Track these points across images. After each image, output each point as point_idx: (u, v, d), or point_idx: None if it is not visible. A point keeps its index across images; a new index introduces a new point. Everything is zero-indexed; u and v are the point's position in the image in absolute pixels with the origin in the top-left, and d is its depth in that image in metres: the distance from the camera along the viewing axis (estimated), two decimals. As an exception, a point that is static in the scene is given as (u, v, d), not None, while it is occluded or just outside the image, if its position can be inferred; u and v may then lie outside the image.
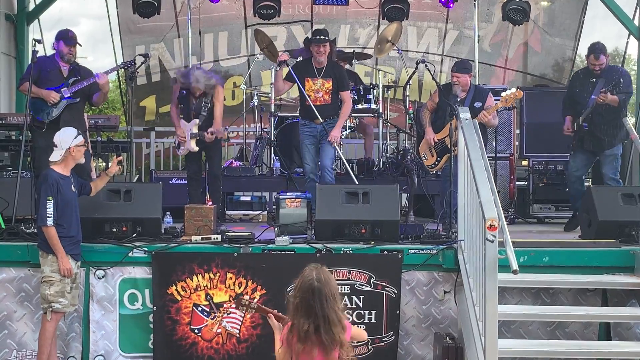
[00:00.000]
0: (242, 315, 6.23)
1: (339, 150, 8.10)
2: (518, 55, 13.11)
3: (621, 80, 7.40)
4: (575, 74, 7.99)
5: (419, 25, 12.88)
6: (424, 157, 7.91)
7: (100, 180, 6.46)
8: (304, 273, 4.15)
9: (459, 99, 7.53)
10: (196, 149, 7.77)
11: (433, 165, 7.87)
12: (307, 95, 7.87)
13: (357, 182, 7.74)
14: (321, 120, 7.83)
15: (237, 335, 6.26)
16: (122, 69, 8.31)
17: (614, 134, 7.58)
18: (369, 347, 6.20)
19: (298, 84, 7.89)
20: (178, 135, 7.85)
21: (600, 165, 7.67)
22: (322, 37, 7.87)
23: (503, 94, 7.50)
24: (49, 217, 5.76)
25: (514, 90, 7.50)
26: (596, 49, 7.54)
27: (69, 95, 7.33)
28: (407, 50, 12.07)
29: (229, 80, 12.47)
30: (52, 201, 5.78)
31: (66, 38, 7.33)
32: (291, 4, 12.45)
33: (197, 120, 7.73)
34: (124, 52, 12.85)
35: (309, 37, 8.11)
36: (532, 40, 13.00)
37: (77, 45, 7.40)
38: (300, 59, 9.17)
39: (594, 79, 7.58)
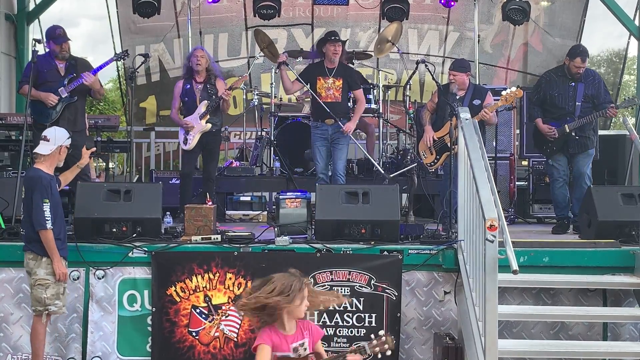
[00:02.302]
0: (241, 318, 6.21)
1: (355, 140, 8.34)
2: (520, 55, 13.11)
3: (602, 87, 7.57)
4: (547, 76, 7.76)
5: (419, 27, 12.88)
6: (423, 155, 7.92)
7: (70, 172, 6.36)
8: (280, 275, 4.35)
9: (457, 97, 7.52)
10: (209, 126, 7.91)
11: (432, 164, 7.88)
12: (318, 93, 8.06)
13: (387, 176, 7.83)
14: (332, 121, 7.96)
15: (235, 340, 6.23)
16: (123, 69, 8.34)
17: (593, 134, 7.66)
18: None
19: (310, 90, 8.10)
20: (186, 125, 7.93)
21: (578, 165, 7.60)
22: (336, 37, 8.11)
23: (503, 92, 7.49)
24: (47, 220, 5.68)
25: (514, 89, 7.49)
26: (582, 52, 7.47)
27: (66, 94, 7.37)
28: (408, 53, 12.09)
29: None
30: (48, 204, 5.71)
31: (54, 37, 7.39)
32: (292, 7, 12.45)
33: (206, 102, 7.92)
34: (124, 53, 12.84)
35: (322, 37, 8.27)
36: (533, 40, 13.00)
37: (69, 41, 7.45)
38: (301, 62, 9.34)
39: (573, 83, 7.52)
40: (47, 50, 7.55)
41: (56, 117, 7.30)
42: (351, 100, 8.57)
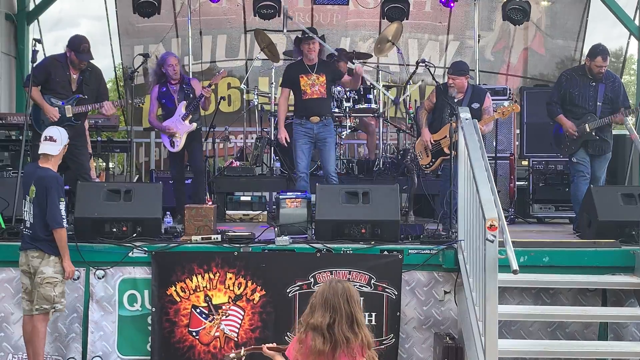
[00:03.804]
0: (241, 318, 6.22)
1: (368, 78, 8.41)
2: (521, 60, 13.09)
3: (621, 92, 7.52)
4: (568, 74, 7.71)
5: (419, 37, 12.87)
6: (419, 155, 7.91)
7: None
8: (324, 283, 4.13)
9: (456, 101, 7.48)
10: (194, 125, 8.05)
11: (427, 166, 7.87)
12: (304, 90, 7.98)
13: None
14: (317, 119, 7.90)
15: (235, 339, 6.23)
16: (121, 69, 8.33)
17: (611, 137, 7.62)
18: None
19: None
20: (169, 130, 8.04)
21: (595, 169, 7.55)
22: (310, 35, 7.99)
23: (505, 103, 7.47)
24: (63, 218, 5.83)
25: (512, 103, 7.49)
26: (602, 51, 7.37)
27: (70, 115, 7.25)
28: (409, 65, 12.11)
29: (224, 81, 12.43)
30: (64, 202, 5.84)
31: (77, 50, 7.16)
32: (291, 12, 12.38)
33: (184, 102, 8.03)
34: (123, 53, 12.85)
35: (299, 36, 8.20)
36: (534, 44, 12.98)
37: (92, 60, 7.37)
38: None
39: (594, 83, 7.46)
40: (65, 54, 7.27)
41: None
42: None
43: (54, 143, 5.96)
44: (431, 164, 7.80)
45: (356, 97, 9.24)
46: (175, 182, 8.33)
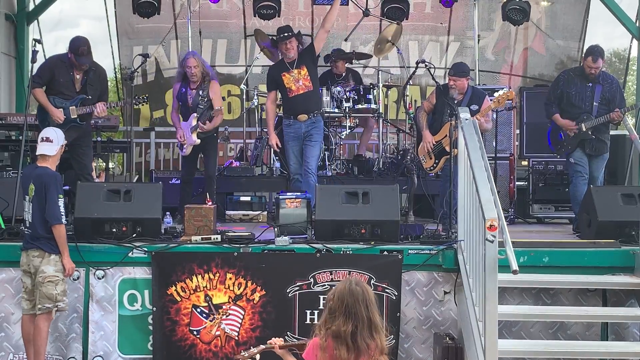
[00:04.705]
0: (241, 317, 6.23)
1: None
2: (522, 60, 13.08)
3: (618, 93, 7.56)
4: (566, 74, 7.80)
5: (420, 39, 12.86)
6: (423, 159, 7.91)
7: None
8: (340, 282, 4.09)
9: (455, 102, 7.49)
10: (198, 141, 7.88)
11: (432, 168, 7.87)
12: (288, 87, 7.94)
13: None
14: (305, 117, 7.88)
15: (236, 338, 6.24)
16: (119, 70, 8.30)
17: (608, 137, 7.65)
18: None
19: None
20: (178, 137, 7.98)
21: (592, 169, 7.58)
22: (286, 34, 7.93)
23: (495, 94, 7.48)
24: (62, 215, 5.89)
25: (505, 90, 7.49)
26: (595, 52, 7.47)
27: (75, 116, 7.26)
28: (409, 67, 12.14)
29: (224, 87, 12.38)
30: (63, 199, 5.91)
31: (77, 53, 7.17)
32: (292, 17, 12.42)
33: (195, 114, 7.86)
34: (121, 53, 12.85)
35: (274, 38, 8.15)
36: (535, 44, 12.97)
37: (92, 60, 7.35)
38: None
39: (590, 84, 7.51)
40: (67, 54, 7.27)
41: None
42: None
43: (51, 143, 6.02)
44: (434, 165, 7.80)
45: (356, 97, 9.23)
46: (182, 182, 8.26)
